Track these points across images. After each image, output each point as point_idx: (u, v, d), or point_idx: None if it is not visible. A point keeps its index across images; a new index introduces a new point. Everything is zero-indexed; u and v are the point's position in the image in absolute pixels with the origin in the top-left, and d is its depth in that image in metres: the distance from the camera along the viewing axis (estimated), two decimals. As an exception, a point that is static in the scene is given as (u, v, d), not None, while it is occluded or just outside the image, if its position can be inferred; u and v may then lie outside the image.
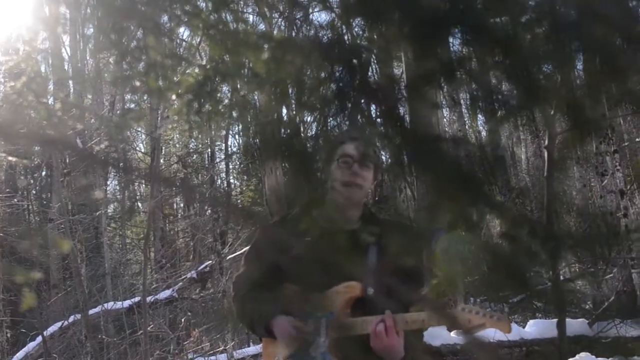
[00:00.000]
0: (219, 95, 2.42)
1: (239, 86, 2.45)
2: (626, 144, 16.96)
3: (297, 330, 3.49)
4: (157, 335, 12.13)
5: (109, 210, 21.20)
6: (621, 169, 13.98)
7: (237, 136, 25.14)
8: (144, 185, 24.50)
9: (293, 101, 2.33)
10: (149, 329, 9.37)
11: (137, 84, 2.00)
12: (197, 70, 2.32)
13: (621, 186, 13.34)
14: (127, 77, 1.97)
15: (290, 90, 2.06)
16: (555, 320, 9.07)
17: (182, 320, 11.93)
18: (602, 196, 14.01)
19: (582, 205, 15.42)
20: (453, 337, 6.95)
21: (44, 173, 22.20)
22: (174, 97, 2.32)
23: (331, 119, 2.00)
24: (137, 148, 23.97)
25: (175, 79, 2.04)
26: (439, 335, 6.83)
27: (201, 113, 2.39)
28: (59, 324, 12.42)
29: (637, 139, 17.23)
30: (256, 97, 2.64)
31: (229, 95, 2.52)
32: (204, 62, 2.36)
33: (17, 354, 12.37)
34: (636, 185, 16.31)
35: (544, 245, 1.56)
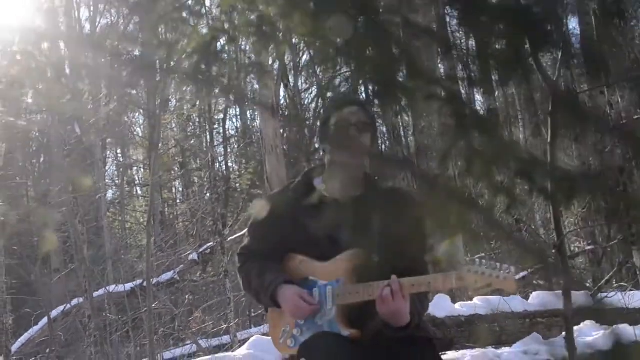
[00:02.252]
0: (225, 56, 2.41)
1: (246, 47, 2.44)
2: (624, 121, 16.95)
3: (302, 299, 3.50)
4: (159, 313, 12.16)
5: (108, 196, 21.21)
6: (620, 146, 13.99)
7: (234, 119, 25.14)
8: (142, 170, 24.53)
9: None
10: (153, 306, 9.36)
11: (147, 37, 1.99)
12: (204, 29, 2.31)
13: (620, 163, 13.36)
14: (137, 31, 1.96)
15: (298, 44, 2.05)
16: (558, 292, 9.11)
17: (187, 297, 11.95)
18: (602, 173, 14.00)
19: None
20: (457, 308, 6.97)
21: (42, 159, 22.19)
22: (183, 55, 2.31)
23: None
24: (135, 132, 24.01)
25: (184, 31, 2.04)
26: (444, 307, 6.85)
27: (208, 74, 2.37)
28: (61, 308, 12.44)
29: (635, 117, 17.20)
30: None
31: (235, 57, 2.51)
32: (211, 21, 2.35)
33: (20, 338, 12.40)
34: (635, 163, 16.30)
35: (559, 185, 1.56)
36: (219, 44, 2.36)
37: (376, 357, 3.44)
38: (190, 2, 2.21)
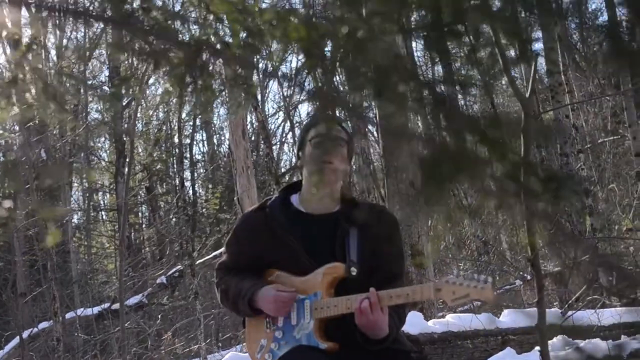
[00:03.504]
0: (210, 69, 2.43)
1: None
2: (588, 145, 17.18)
3: (279, 292, 3.52)
4: (129, 335, 12.06)
5: (73, 220, 21.05)
6: (585, 168, 14.18)
7: (201, 145, 25.12)
8: (108, 194, 24.40)
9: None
10: (126, 325, 9.31)
11: (138, 46, 2.02)
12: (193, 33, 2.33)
13: (586, 185, 13.52)
14: (128, 40, 2.00)
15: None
16: (528, 310, 9.18)
17: (159, 317, 11.87)
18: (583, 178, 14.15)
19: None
20: (430, 326, 7.00)
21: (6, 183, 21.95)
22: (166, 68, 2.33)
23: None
24: (101, 157, 23.96)
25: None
26: (417, 324, 6.87)
27: (194, 87, 2.39)
28: (30, 331, 12.32)
29: (599, 141, 17.45)
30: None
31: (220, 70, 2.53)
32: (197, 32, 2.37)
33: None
34: (600, 186, 16.50)
35: (546, 186, 1.62)
36: (204, 55, 2.38)
37: (354, 370, 3.46)
38: (181, 11, 2.23)
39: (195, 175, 24.24)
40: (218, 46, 2.33)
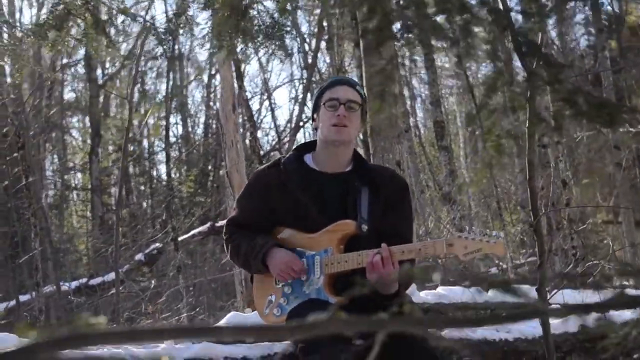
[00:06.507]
0: (252, 13, 2.48)
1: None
2: (564, 140, 17.34)
3: (290, 263, 3.57)
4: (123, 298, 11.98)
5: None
6: (563, 160, 14.32)
7: (176, 127, 25.03)
8: (80, 174, 24.27)
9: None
10: (120, 289, 9.29)
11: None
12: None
13: (564, 176, 13.66)
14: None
15: None
16: (516, 286, 9.30)
17: (152, 283, 11.82)
18: (544, 187, 14.33)
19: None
20: (422, 296, 7.06)
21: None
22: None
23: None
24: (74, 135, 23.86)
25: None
26: (410, 294, 6.95)
27: (237, 30, 2.43)
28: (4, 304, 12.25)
29: (574, 135, 17.62)
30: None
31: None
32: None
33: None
34: (576, 179, 16.67)
35: (599, 110, 1.70)
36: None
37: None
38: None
39: (170, 157, 24.19)
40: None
